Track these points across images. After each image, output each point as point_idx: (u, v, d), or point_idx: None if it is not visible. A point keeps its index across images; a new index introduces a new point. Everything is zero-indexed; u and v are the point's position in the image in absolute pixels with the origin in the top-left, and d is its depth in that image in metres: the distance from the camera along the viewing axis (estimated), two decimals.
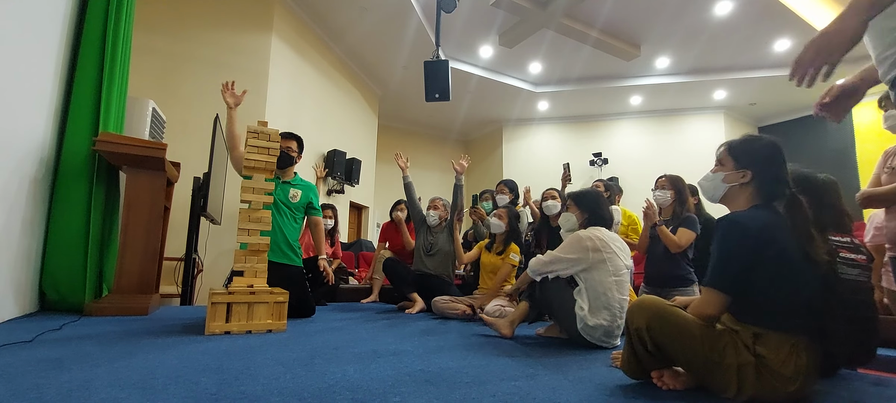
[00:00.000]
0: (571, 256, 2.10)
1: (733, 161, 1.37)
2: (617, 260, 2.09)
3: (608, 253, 2.08)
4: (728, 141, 1.42)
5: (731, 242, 1.25)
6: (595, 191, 2.45)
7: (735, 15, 5.77)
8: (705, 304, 1.27)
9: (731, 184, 1.36)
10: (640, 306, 1.34)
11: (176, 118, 4.06)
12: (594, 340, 2.03)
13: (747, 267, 1.22)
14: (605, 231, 2.18)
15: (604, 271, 2.06)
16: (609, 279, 2.05)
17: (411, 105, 8.67)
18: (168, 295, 3.64)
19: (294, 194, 2.88)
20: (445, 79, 4.66)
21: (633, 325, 1.33)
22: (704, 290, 1.28)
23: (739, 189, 1.36)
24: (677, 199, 2.76)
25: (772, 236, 1.22)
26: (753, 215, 1.27)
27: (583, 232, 2.17)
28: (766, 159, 1.33)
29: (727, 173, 1.37)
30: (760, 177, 1.33)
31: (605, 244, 2.09)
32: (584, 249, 2.08)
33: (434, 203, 3.65)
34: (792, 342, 1.19)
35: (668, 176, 2.85)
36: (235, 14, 4.96)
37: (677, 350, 1.26)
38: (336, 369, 1.45)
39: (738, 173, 1.35)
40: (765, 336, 1.20)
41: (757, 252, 1.21)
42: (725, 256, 1.25)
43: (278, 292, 2.23)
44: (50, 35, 2.38)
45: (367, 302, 4.06)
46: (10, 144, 2.06)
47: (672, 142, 8.69)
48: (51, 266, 2.42)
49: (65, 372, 1.28)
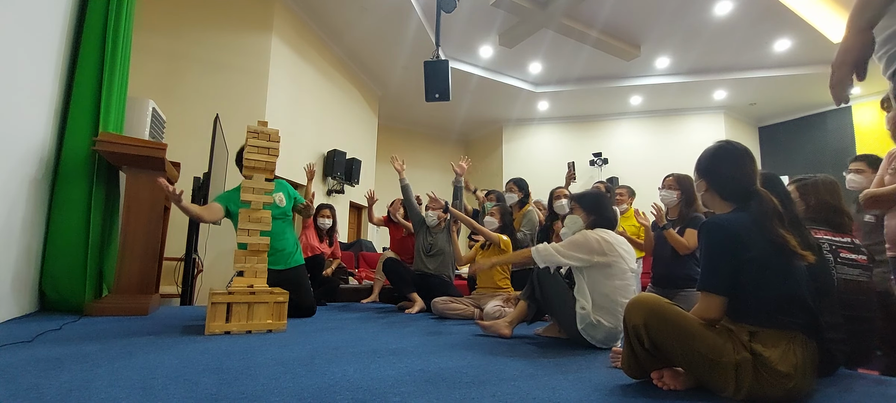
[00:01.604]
0: (579, 255, 2.07)
1: (696, 173, 1.48)
2: (622, 264, 2.06)
3: (614, 256, 2.05)
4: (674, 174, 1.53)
5: (714, 244, 1.29)
6: (598, 192, 2.41)
7: (735, 15, 5.77)
8: (704, 309, 1.29)
9: (700, 194, 1.47)
10: (636, 304, 1.35)
11: (176, 118, 4.06)
12: (595, 341, 2.02)
13: (734, 266, 1.25)
14: (612, 233, 2.16)
15: (608, 274, 2.04)
16: (614, 282, 2.03)
17: (411, 105, 8.67)
18: (168, 295, 3.64)
19: (280, 199, 2.84)
20: (445, 80, 4.66)
21: (630, 323, 1.34)
22: (701, 295, 1.30)
23: (709, 197, 1.45)
24: (684, 200, 2.69)
25: (750, 235, 1.25)
26: (732, 217, 1.31)
27: (590, 232, 2.14)
28: (712, 164, 1.43)
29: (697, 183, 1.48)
30: (716, 183, 1.42)
31: (611, 247, 2.06)
32: (590, 251, 2.06)
33: (433, 205, 3.65)
34: (787, 338, 1.20)
35: (675, 175, 2.76)
36: (235, 14, 4.96)
37: (675, 348, 1.27)
38: (336, 369, 1.45)
39: (700, 182, 1.46)
40: (760, 334, 1.22)
41: (739, 251, 1.24)
42: (712, 258, 1.29)
43: (278, 292, 2.23)
44: (50, 35, 2.38)
45: (367, 302, 4.06)
46: (10, 144, 2.05)
47: (672, 142, 8.68)
48: (51, 266, 2.42)
49: (65, 372, 1.28)
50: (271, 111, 5.00)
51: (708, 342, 1.23)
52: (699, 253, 1.34)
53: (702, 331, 1.25)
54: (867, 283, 1.70)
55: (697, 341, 1.24)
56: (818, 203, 1.82)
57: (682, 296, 2.53)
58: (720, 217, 1.33)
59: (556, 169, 6.91)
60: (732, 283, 1.25)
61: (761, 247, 1.24)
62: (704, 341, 1.23)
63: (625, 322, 1.37)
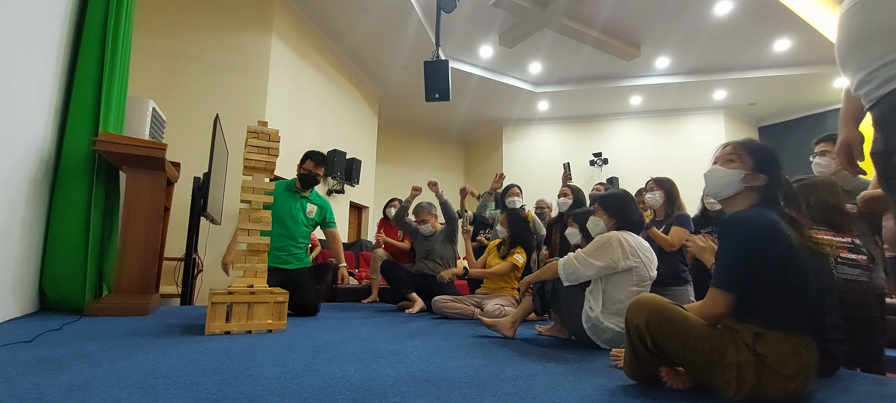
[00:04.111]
0: (602, 264, 1.98)
1: (753, 162, 1.35)
2: (643, 271, 2.00)
3: (636, 261, 1.98)
4: (741, 141, 1.41)
5: (739, 240, 1.25)
6: (623, 193, 2.30)
7: (735, 15, 5.77)
8: (711, 305, 1.26)
9: (747, 185, 1.35)
10: (638, 304, 1.35)
11: (176, 118, 4.06)
12: (601, 342, 1.99)
13: (754, 265, 1.22)
14: (636, 236, 2.08)
15: (627, 279, 1.98)
16: (630, 288, 1.97)
17: (411, 105, 8.67)
18: (168, 295, 3.64)
19: (311, 209, 3.16)
20: (445, 80, 4.66)
21: (632, 324, 1.33)
22: (713, 290, 1.27)
23: (747, 190, 1.36)
24: (667, 199, 2.80)
25: (778, 233, 1.23)
26: (759, 212, 1.28)
27: (613, 234, 2.05)
28: (776, 165, 1.35)
29: (746, 173, 1.35)
30: (770, 182, 1.34)
31: (634, 251, 2.00)
32: (613, 256, 1.97)
33: (422, 217, 3.70)
34: (793, 341, 1.19)
35: (654, 178, 2.90)
36: (235, 14, 4.96)
37: (677, 348, 1.26)
38: (336, 369, 1.45)
39: (756, 176, 1.34)
40: (766, 336, 1.20)
41: (764, 248, 1.22)
42: (733, 254, 1.25)
43: (278, 292, 2.23)
44: (50, 35, 2.38)
45: (366, 301, 4.07)
46: (10, 144, 2.05)
47: (672, 142, 8.69)
48: (51, 266, 2.42)
49: (65, 372, 1.28)
50: (271, 111, 5.00)
51: (710, 342, 1.23)
52: (719, 247, 1.29)
53: (704, 331, 1.25)
54: (867, 283, 1.70)
55: (700, 341, 1.23)
56: (818, 203, 1.82)
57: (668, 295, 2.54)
58: (748, 213, 1.29)
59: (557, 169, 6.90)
60: (746, 280, 1.23)
61: (787, 246, 1.22)
62: (707, 341, 1.23)
63: (627, 322, 1.36)
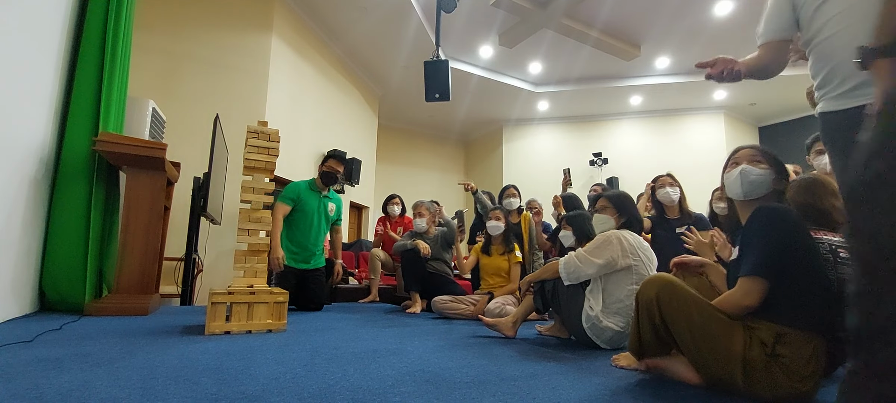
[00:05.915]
0: (603, 261, 1.99)
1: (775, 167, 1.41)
2: (642, 270, 2.00)
3: (636, 260, 1.99)
4: (758, 147, 1.47)
5: (774, 228, 1.25)
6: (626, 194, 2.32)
7: (735, 15, 5.77)
8: (745, 294, 1.24)
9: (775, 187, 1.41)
10: (652, 279, 1.38)
11: (176, 118, 4.06)
12: (600, 342, 1.99)
13: (784, 257, 1.22)
14: (635, 235, 2.10)
15: (626, 278, 1.99)
16: (630, 287, 1.97)
17: (411, 105, 8.67)
18: (168, 295, 3.64)
19: (331, 208, 3.31)
20: (445, 80, 4.66)
21: (643, 298, 1.35)
22: (746, 279, 1.25)
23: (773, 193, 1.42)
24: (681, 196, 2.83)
25: (804, 228, 1.27)
26: (787, 208, 1.32)
27: (613, 233, 2.06)
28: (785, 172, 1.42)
29: (775, 176, 1.40)
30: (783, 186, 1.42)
31: (634, 250, 2.01)
32: (613, 254, 1.98)
33: (419, 210, 3.67)
34: (814, 344, 1.18)
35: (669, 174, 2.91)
36: (235, 14, 4.96)
37: (683, 328, 1.26)
38: (336, 369, 1.45)
39: (781, 180, 1.41)
40: (788, 336, 1.19)
41: (795, 241, 1.23)
42: (769, 242, 1.24)
43: (278, 292, 2.23)
44: (50, 35, 2.38)
45: (365, 301, 4.06)
46: (10, 144, 2.05)
47: (672, 142, 8.69)
48: (51, 266, 2.42)
49: (65, 372, 1.28)
50: (271, 111, 5.00)
51: (721, 327, 1.23)
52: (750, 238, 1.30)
53: (716, 314, 1.24)
54: None
55: (709, 324, 1.23)
56: (817, 202, 1.82)
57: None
58: (777, 205, 1.32)
59: (556, 169, 6.90)
60: (778, 270, 1.22)
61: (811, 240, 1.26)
62: (717, 325, 1.23)
63: (637, 298, 1.39)
